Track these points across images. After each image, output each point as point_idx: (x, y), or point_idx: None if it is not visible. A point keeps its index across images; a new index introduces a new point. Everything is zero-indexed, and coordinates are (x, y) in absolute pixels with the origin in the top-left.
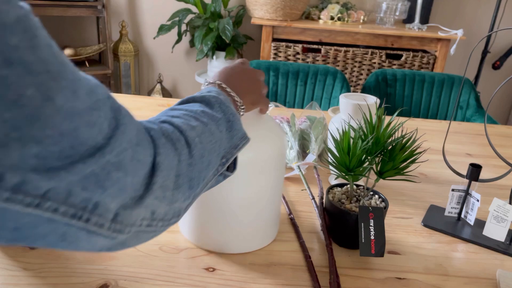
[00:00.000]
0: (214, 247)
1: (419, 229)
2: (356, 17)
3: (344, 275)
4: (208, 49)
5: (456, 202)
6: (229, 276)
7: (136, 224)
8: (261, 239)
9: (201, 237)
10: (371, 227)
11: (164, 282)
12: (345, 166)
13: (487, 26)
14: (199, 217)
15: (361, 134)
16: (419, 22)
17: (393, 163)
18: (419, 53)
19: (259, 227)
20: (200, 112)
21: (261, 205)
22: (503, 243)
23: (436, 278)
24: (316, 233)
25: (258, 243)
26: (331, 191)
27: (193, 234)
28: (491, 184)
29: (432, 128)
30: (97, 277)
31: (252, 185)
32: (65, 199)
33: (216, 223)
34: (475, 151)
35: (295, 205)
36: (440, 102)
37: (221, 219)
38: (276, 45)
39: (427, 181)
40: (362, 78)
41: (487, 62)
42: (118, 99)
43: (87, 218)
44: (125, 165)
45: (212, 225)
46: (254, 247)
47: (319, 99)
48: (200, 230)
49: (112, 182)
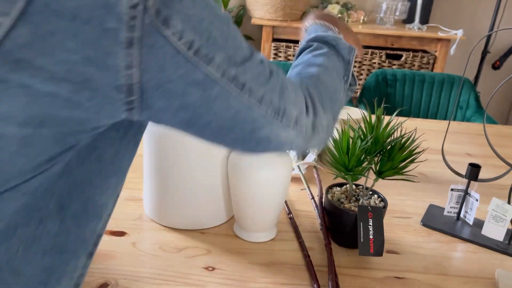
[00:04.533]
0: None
1: (418, 229)
2: (356, 17)
3: (343, 274)
4: None
5: (455, 201)
6: (228, 275)
7: (305, 127)
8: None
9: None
10: (370, 227)
11: (164, 281)
12: (344, 166)
13: (487, 26)
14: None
15: (360, 134)
16: (419, 22)
17: (392, 162)
18: (419, 53)
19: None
20: (311, 58)
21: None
22: (502, 242)
23: (435, 277)
24: (315, 233)
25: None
26: (331, 190)
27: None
28: (490, 184)
29: (432, 128)
30: (97, 276)
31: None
32: (277, 104)
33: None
34: (475, 151)
35: (295, 205)
36: (440, 102)
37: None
38: (276, 45)
39: (426, 180)
40: (362, 78)
41: (487, 62)
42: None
43: (282, 117)
44: (289, 87)
45: None
46: None
47: None
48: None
49: (287, 95)
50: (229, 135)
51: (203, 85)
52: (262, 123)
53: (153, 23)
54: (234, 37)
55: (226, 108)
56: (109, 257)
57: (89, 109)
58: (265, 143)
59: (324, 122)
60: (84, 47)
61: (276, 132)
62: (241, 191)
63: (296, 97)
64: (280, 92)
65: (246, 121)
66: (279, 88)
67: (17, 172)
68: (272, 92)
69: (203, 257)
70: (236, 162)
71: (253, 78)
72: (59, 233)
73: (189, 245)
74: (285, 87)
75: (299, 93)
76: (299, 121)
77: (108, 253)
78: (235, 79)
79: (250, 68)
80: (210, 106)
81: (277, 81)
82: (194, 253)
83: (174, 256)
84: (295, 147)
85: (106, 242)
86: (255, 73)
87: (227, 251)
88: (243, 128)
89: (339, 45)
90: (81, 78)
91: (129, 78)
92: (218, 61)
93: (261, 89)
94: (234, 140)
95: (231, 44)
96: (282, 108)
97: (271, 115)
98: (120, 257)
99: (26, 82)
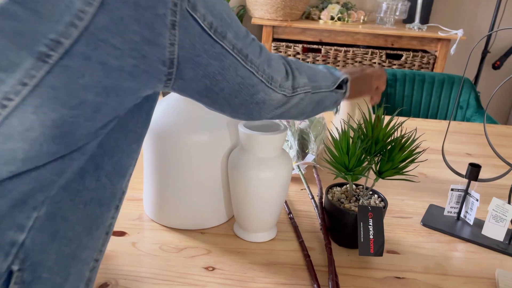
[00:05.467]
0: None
1: (418, 229)
2: (356, 17)
3: (343, 274)
4: None
5: (455, 201)
6: (228, 275)
7: (287, 88)
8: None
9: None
10: (370, 227)
11: (164, 281)
12: (345, 166)
13: (487, 26)
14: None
15: (361, 134)
16: (419, 22)
17: (392, 162)
18: (419, 53)
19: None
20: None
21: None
22: (502, 242)
23: (435, 277)
24: (315, 233)
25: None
26: (331, 190)
27: None
28: (490, 184)
29: (432, 128)
30: (97, 276)
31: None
32: (267, 72)
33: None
34: (475, 150)
35: (295, 205)
36: (440, 102)
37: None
38: (276, 45)
39: (427, 180)
40: None
41: (487, 62)
42: None
43: (271, 83)
44: (274, 58)
45: None
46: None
47: None
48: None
49: (273, 65)
50: (237, 98)
51: (220, 57)
52: (259, 88)
53: (188, 9)
54: (235, 18)
55: (236, 76)
56: (109, 257)
57: (142, 80)
58: (261, 104)
59: (301, 83)
60: (143, 29)
61: (268, 95)
62: (241, 191)
63: (279, 66)
64: (268, 62)
65: (248, 86)
66: (267, 60)
67: (85, 135)
68: (263, 62)
69: (203, 257)
70: (236, 162)
71: (252, 51)
72: (97, 189)
73: (189, 245)
74: (271, 58)
75: (280, 62)
76: (282, 84)
77: (108, 253)
78: (241, 52)
79: (250, 43)
80: (224, 73)
81: (265, 54)
82: (194, 253)
83: (174, 256)
84: (282, 105)
85: None
86: (253, 47)
87: (227, 251)
88: (247, 93)
89: (335, 71)
90: (140, 54)
91: (172, 54)
92: (229, 37)
93: (257, 60)
94: (239, 104)
95: (235, 23)
96: (270, 75)
97: (265, 80)
98: (120, 257)
99: (103, 59)
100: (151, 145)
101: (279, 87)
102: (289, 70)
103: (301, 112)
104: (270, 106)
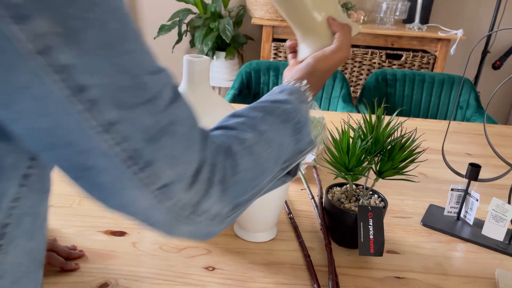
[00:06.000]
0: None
1: (419, 229)
2: (356, 17)
3: (343, 274)
4: (209, 49)
5: (455, 201)
6: (228, 275)
7: (177, 204)
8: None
9: None
10: (370, 227)
11: (164, 281)
12: (345, 166)
13: (487, 26)
14: None
15: (361, 134)
16: (419, 22)
17: (392, 162)
18: (419, 53)
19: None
20: (259, 119)
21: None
22: (502, 242)
23: (435, 277)
24: (315, 233)
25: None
26: (331, 190)
27: None
28: (490, 184)
29: (432, 128)
30: (97, 276)
31: None
32: (127, 139)
33: None
34: (475, 150)
35: (295, 205)
36: (440, 102)
37: None
38: (277, 45)
39: (427, 180)
40: (362, 78)
41: (487, 62)
42: None
43: (135, 171)
44: (178, 135)
45: None
46: None
47: (318, 99)
48: None
49: (166, 144)
50: (53, 151)
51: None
52: (102, 161)
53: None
54: None
55: (44, 115)
56: (109, 257)
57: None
58: (102, 192)
59: (213, 210)
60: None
61: (121, 185)
62: None
63: (183, 156)
64: (154, 133)
65: (71, 142)
66: (158, 127)
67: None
68: (137, 125)
69: (203, 257)
70: None
71: (107, 88)
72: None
73: (189, 245)
74: (172, 131)
75: (194, 153)
76: (170, 189)
77: (108, 253)
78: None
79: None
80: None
81: (162, 115)
82: (194, 253)
83: (174, 256)
84: (147, 221)
85: (106, 242)
86: (112, 83)
87: (227, 251)
88: (65, 150)
89: (304, 128)
90: None
91: None
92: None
93: (115, 111)
94: (56, 159)
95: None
96: (145, 157)
97: (120, 156)
98: (120, 257)
99: None
100: None
101: (158, 188)
102: (204, 177)
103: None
104: (122, 206)
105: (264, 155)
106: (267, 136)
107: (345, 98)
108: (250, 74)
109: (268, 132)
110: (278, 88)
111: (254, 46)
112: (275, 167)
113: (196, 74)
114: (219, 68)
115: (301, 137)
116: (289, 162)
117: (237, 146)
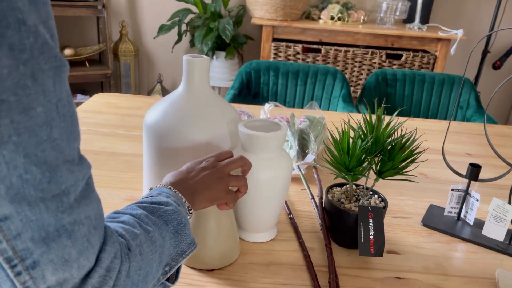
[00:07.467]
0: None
1: (419, 229)
2: (356, 17)
3: (343, 274)
4: (208, 49)
5: (455, 201)
6: (228, 275)
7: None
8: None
9: None
10: (371, 227)
11: None
12: (345, 166)
13: (487, 26)
14: None
15: (361, 134)
16: (419, 22)
17: (392, 162)
18: (419, 53)
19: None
20: (144, 216)
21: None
22: (502, 242)
23: (435, 277)
24: (315, 233)
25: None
26: (331, 190)
27: None
28: (490, 184)
29: (432, 128)
30: None
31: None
32: (12, 239)
33: None
34: (475, 151)
35: (295, 205)
36: (440, 102)
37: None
38: (276, 45)
39: (427, 181)
40: (362, 78)
41: (487, 62)
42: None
43: (19, 271)
44: (76, 237)
45: None
46: None
47: (319, 99)
48: None
49: (58, 246)
50: None
51: None
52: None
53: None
54: None
55: None
56: None
57: None
58: None
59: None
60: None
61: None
62: None
63: (77, 259)
64: (51, 233)
65: None
66: (57, 226)
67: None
68: (32, 222)
69: None
70: None
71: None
72: None
73: None
74: (71, 232)
75: (88, 257)
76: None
77: None
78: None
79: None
80: None
81: (65, 213)
82: None
83: None
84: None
85: None
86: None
87: None
88: None
89: (184, 229)
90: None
91: None
92: None
93: (9, 206)
94: None
95: None
96: (33, 257)
97: (4, 254)
98: None
99: None
100: (151, 145)
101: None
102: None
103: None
104: None
105: (149, 256)
106: (152, 236)
107: (345, 98)
108: (250, 74)
109: (152, 232)
110: (155, 190)
111: (254, 46)
112: (158, 271)
113: (196, 74)
114: (219, 68)
115: (182, 238)
116: (169, 266)
117: (134, 246)
